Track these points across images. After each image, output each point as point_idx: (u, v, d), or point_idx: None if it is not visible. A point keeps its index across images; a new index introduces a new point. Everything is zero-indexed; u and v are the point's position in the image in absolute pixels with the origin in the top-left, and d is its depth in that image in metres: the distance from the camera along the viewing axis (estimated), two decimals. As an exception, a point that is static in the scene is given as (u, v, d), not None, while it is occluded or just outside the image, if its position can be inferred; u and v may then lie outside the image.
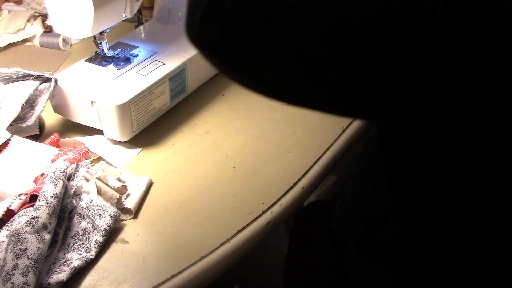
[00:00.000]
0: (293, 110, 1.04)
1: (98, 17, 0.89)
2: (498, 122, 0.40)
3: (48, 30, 1.34)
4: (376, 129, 0.56)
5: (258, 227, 0.79)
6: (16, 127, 0.92)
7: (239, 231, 0.78)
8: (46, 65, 1.21)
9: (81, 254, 0.73)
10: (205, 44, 0.50)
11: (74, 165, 0.86)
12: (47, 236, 0.70)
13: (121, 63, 1.00)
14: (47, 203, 0.73)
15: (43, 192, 0.75)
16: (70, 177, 0.84)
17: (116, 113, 0.90)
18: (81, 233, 0.76)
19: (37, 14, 1.38)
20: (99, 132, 0.96)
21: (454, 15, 0.36)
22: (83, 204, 0.79)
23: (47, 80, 0.95)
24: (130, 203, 0.82)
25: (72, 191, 0.81)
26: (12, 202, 0.78)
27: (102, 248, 0.75)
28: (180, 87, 1.03)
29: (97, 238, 0.75)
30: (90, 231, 0.76)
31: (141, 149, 0.96)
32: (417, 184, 0.51)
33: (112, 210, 0.78)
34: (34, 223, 0.70)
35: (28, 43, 1.32)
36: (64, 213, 0.77)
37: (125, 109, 0.90)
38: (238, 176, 0.90)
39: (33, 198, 0.78)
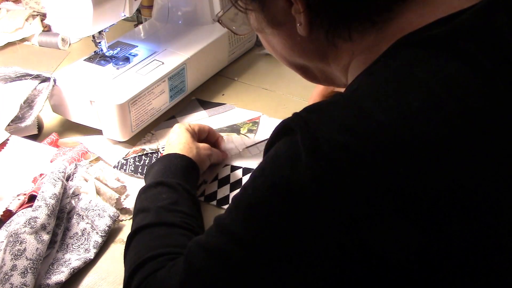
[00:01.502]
0: (293, 111, 1.04)
1: (97, 16, 0.89)
2: None
3: (47, 29, 1.34)
4: None
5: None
6: (14, 127, 0.91)
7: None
8: (44, 64, 1.20)
9: (80, 255, 0.73)
10: None
11: (73, 165, 0.86)
12: (45, 237, 0.70)
13: (120, 63, 0.99)
14: (46, 204, 0.72)
15: (42, 192, 0.74)
16: (69, 177, 0.84)
17: (115, 112, 0.90)
18: (80, 234, 0.76)
19: (35, 13, 1.37)
20: (98, 132, 0.96)
21: None
22: (82, 204, 0.78)
23: (46, 79, 0.94)
24: (129, 203, 0.82)
25: (71, 191, 0.80)
26: (11, 203, 0.78)
27: (101, 249, 0.75)
28: (179, 86, 1.03)
29: (96, 238, 0.74)
30: (89, 232, 0.76)
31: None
32: None
33: (111, 210, 0.77)
34: (33, 223, 0.69)
35: (26, 42, 1.32)
36: (63, 213, 0.76)
37: (124, 109, 0.90)
38: (238, 176, 0.89)
39: (31, 198, 0.77)
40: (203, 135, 0.89)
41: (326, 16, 0.51)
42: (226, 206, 0.82)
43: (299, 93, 1.10)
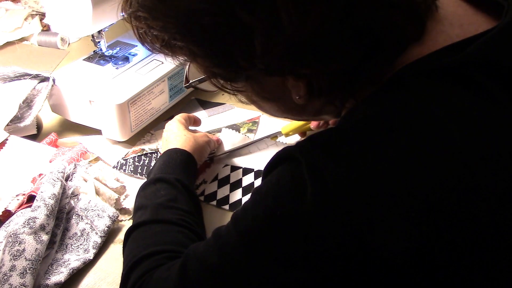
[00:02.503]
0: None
1: (96, 15, 0.89)
2: None
3: (46, 28, 1.33)
4: None
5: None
6: (13, 127, 0.91)
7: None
8: (43, 64, 1.20)
9: (79, 255, 0.72)
10: None
11: (72, 165, 0.86)
12: (45, 237, 0.70)
13: (120, 62, 0.99)
14: (45, 204, 0.72)
15: (41, 192, 0.74)
16: (68, 177, 0.83)
17: (114, 112, 0.89)
18: (79, 234, 0.75)
19: (34, 13, 1.37)
20: (98, 132, 0.95)
21: None
22: (81, 204, 0.78)
23: (45, 79, 0.94)
24: (128, 203, 0.82)
25: (70, 191, 0.80)
26: (10, 203, 0.77)
27: (101, 249, 0.74)
28: (179, 86, 1.03)
29: (96, 239, 0.74)
30: (89, 232, 0.75)
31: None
32: None
33: (111, 210, 0.77)
34: (32, 224, 0.69)
35: (25, 42, 1.31)
36: (62, 213, 0.76)
37: (123, 109, 0.90)
38: (237, 176, 0.89)
39: (30, 199, 0.77)
40: (189, 122, 0.90)
41: (330, 93, 0.50)
42: (226, 206, 0.82)
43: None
